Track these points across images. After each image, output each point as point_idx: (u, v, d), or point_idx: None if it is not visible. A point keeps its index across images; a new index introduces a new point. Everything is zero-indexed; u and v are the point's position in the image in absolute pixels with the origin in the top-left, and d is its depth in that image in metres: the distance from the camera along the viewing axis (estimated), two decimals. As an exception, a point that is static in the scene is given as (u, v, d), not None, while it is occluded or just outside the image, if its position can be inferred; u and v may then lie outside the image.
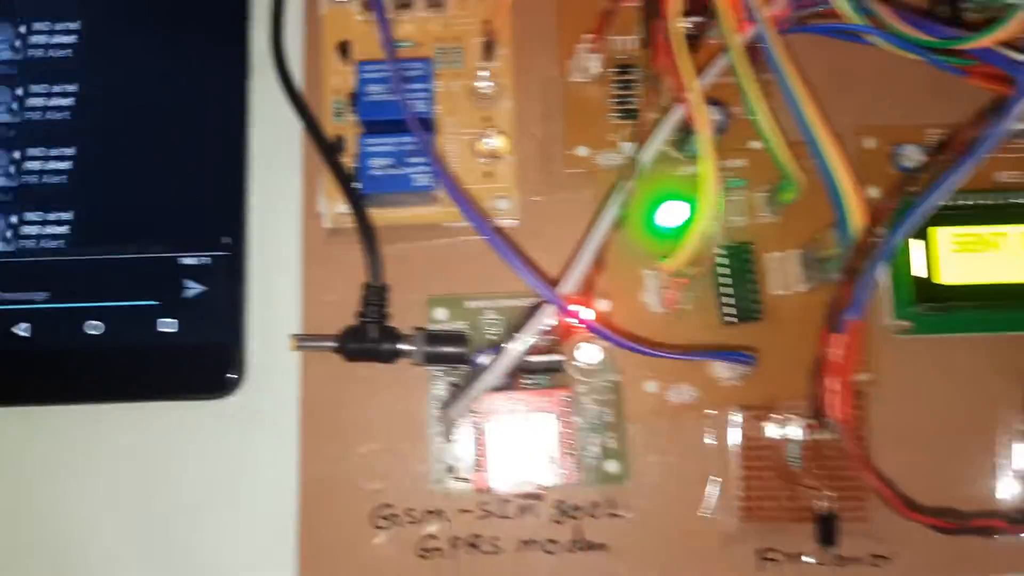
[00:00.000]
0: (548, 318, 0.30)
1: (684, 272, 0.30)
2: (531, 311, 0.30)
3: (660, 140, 0.30)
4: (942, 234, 0.32)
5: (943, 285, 0.32)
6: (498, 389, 0.33)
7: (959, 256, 0.32)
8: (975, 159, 0.26)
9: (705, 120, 0.28)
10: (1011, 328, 0.34)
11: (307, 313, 0.35)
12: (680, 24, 0.29)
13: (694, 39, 0.32)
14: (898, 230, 0.27)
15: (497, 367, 0.30)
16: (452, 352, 0.33)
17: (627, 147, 0.33)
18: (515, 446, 0.32)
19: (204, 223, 0.35)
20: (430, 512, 0.34)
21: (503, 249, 0.29)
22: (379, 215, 0.35)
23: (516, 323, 0.32)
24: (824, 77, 0.35)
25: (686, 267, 0.30)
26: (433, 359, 0.33)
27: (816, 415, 0.32)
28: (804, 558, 0.34)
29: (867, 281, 0.28)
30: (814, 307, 0.33)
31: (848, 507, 0.33)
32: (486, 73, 0.34)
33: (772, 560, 0.34)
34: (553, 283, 0.30)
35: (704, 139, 0.28)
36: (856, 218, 0.28)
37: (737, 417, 0.34)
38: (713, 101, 0.32)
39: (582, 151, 0.35)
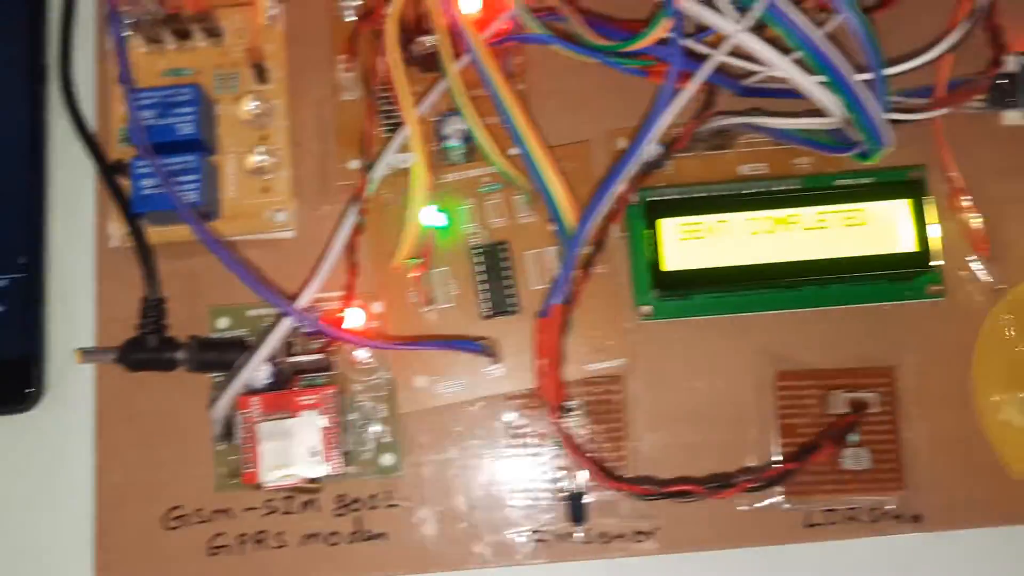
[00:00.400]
0: (286, 329, 0.32)
1: (411, 265, 0.32)
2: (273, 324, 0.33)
3: (388, 158, 0.33)
4: (668, 224, 0.34)
5: (669, 272, 0.34)
6: (271, 388, 0.35)
7: (685, 244, 0.34)
8: (628, 165, 0.28)
9: (417, 137, 0.31)
10: (743, 309, 0.36)
11: (102, 328, 0.37)
12: (396, 55, 0.32)
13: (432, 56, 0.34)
14: (585, 224, 0.30)
15: (242, 374, 0.32)
16: (221, 359, 0.35)
17: (354, 163, 0.35)
18: (283, 443, 0.34)
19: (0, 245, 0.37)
20: (218, 511, 0.36)
21: (235, 266, 0.31)
22: (163, 232, 0.37)
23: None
24: (581, 85, 0.38)
25: (410, 260, 0.31)
26: (205, 366, 0.35)
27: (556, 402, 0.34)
28: (575, 535, 0.36)
29: (566, 269, 0.30)
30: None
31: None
32: (253, 100, 0.36)
33: (544, 541, 0.36)
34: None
35: (416, 148, 0.30)
36: (568, 216, 0.31)
37: (499, 405, 0.36)
38: (455, 112, 0.35)
39: (354, 164, 0.37)
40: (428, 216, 0.36)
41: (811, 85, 0.31)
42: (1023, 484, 0.35)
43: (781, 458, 0.35)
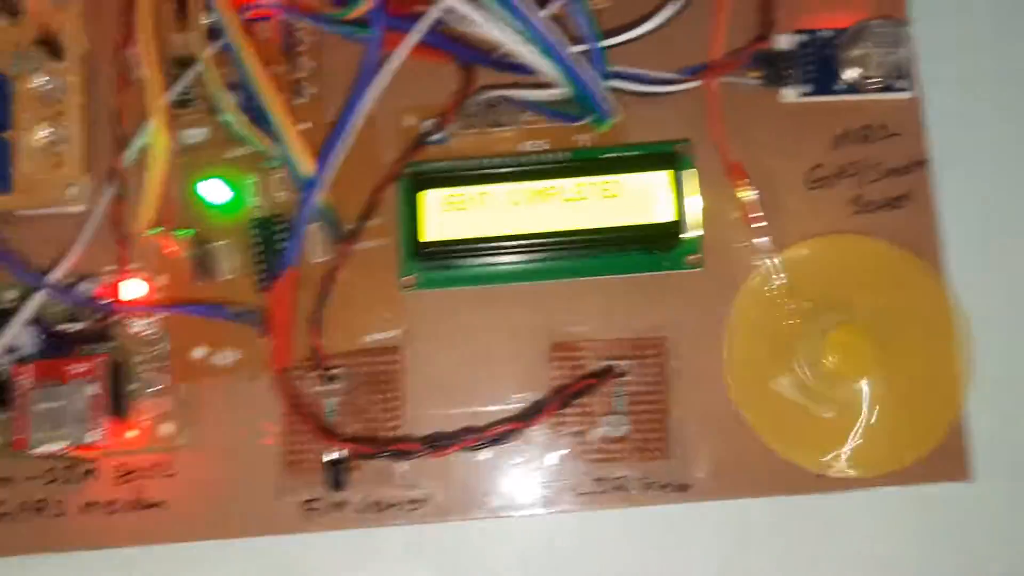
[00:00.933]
0: (37, 301, 0.32)
1: (154, 234, 0.32)
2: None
3: (140, 139, 0.34)
4: (432, 195, 0.35)
5: (427, 242, 0.35)
6: (43, 356, 0.35)
7: (448, 215, 0.35)
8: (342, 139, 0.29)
9: (159, 110, 0.31)
10: (510, 280, 0.36)
11: None
12: (148, 35, 0.32)
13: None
14: (309, 193, 0.30)
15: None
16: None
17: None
18: (53, 410, 0.35)
19: None
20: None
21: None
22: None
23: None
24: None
25: (152, 229, 0.32)
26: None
27: (321, 367, 0.35)
28: (346, 504, 0.36)
29: (297, 234, 0.31)
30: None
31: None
32: (44, 76, 0.37)
33: (316, 510, 0.36)
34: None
35: (158, 122, 0.31)
36: (303, 166, 0.31)
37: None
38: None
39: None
40: (211, 190, 0.37)
41: (530, 55, 0.31)
42: (780, 456, 0.35)
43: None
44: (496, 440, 0.32)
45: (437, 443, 0.33)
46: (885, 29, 0.36)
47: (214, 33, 0.36)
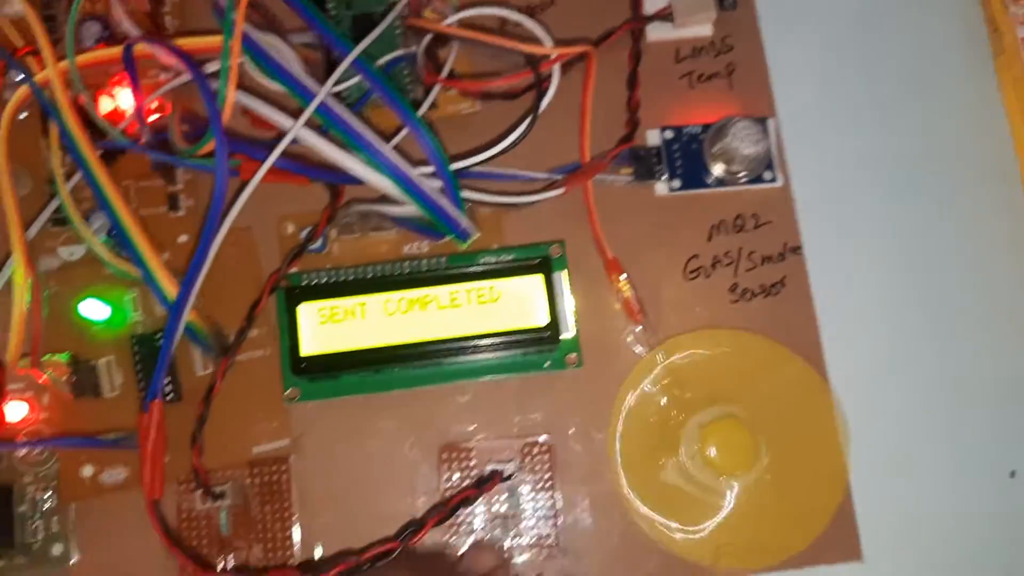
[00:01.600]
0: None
1: (26, 363, 0.32)
2: None
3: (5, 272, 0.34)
4: (305, 309, 0.35)
5: (306, 356, 0.35)
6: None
7: (325, 327, 0.35)
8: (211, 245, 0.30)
9: (19, 242, 0.32)
10: (393, 387, 0.37)
11: None
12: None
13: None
14: (175, 317, 0.31)
15: None
16: None
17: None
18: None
19: None
20: None
21: None
22: None
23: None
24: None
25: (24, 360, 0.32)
26: None
27: (204, 486, 0.35)
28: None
29: (161, 364, 0.31)
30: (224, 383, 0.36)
31: (276, 559, 0.36)
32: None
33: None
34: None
35: (16, 256, 0.31)
36: (167, 291, 0.32)
37: (170, 490, 0.37)
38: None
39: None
40: (90, 308, 0.37)
41: (380, 182, 0.32)
42: (673, 553, 0.36)
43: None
44: (375, 561, 0.32)
45: (316, 570, 0.33)
46: (744, 126, 0.37)
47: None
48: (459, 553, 0.35)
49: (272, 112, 0.32)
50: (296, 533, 0.37)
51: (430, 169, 0.32)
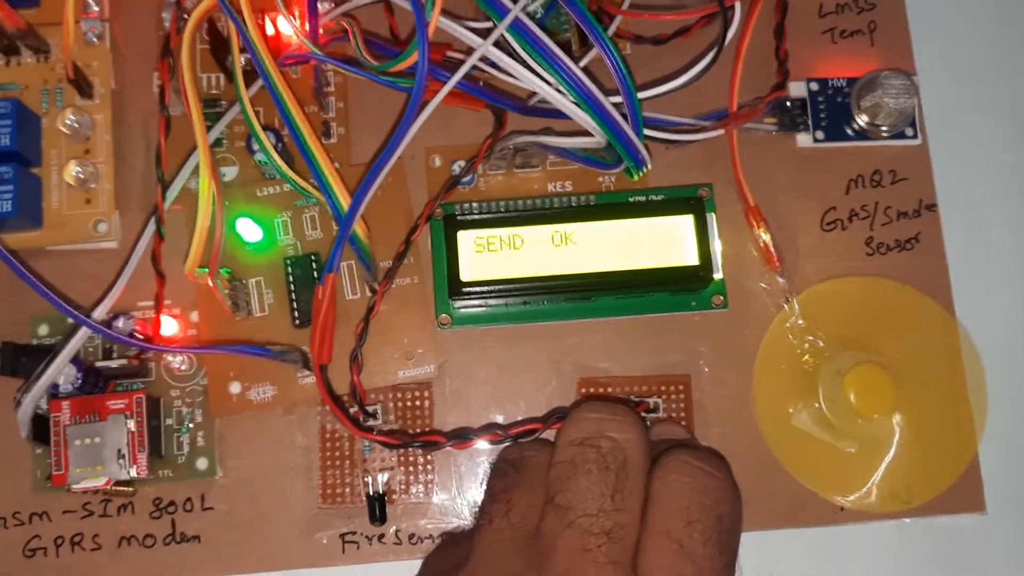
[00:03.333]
0: (81, 337, 0.33)
1: (203, 273, 0.33)
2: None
3: (185, 174, 0.35)
4: (464, 236, 0.36)
5: (465, 281, 0.36)
6: (86, 392, 0.36)
7: (481, 256, 0.36)
8: (385, 165, 0.31)
9: (204, 153, 0.32)
10: (540, 318, 0.38)
11: (-76, 333, 0.38)
12: (189, 75, 0.33)
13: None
14: (349, 214, 0.32)
15: (42, 378, 0.33)
16: (33, 364, 0.35)
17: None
18: (92, 445, 0.35)
19: None
20: (35, 514, 0.37)
21: (26, 276, 0.32)
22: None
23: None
24: (399, 105, 0.40)
25: (201, 269, 0.33)
26: (18, 370, 0.36)
27: (359, 404, 0.36)
28: (384, 537, 0.37)
29: (339, 244, 0.32)
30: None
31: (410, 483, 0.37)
32: (72, 114, 0.37)
33: (352, 543, 0.37)
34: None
35: (203, 165, 0.32)
36: (342, 201, 0.33)
37: (314, 411, 0.38)
38: (270, 128, 0.37)
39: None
40: (245, 228, 0.38)
41: (568, 105, 0.33)
42: (805, 488, 0.37)
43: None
44: (517, 438, 0.33)
45: (462, 436, 0.34)
46: (894, 80, 0.38)
47: (247, 75, 0.37)
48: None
49: (462, 30, 0.33)
50: (434, 456, 0.37)
51: (615, 99, 0.33)
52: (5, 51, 0.39)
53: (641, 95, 0.34)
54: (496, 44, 0.32)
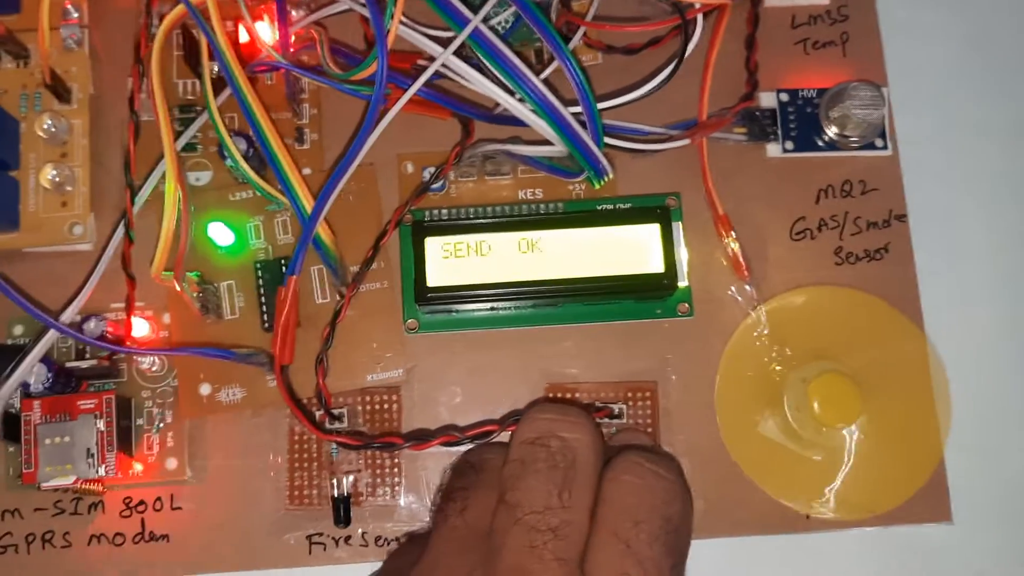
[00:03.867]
0: (48, 339, 0.34)
1: (168, 276, 0.33)
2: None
3: (155, 179, 0.36)
4: (432, 243, 0.37)
5: (432, 287, 0.36)
6: (55, 391, 0.36)
7: (448, 261, 0.36)
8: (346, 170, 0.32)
9: (171, 155, 0.33)
10: (507, 324, 0.38)
11: (-95, 333, 0.39)
12: (157, 81, 0.34)
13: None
14: (312, 217, 0.32)
15: (11, 379, 0.34)
16: (2, 364, 0.36)
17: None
18: (62, 444, 0.36)
19: None
20: (7, 511, 0.38)
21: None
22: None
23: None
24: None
25: (166, 272, 0.33)
26: (-16, 370, 0.36)
27: (324, 407, 0.36)
28: (350, 539, 0.37)
29: (302, 247, 0.33)
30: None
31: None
32: (49, 118, 0.38)
33: (319, 544, 0.38)
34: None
35: (169, 170, 0.33)
36: (306, 205, 0.33)
37: (282, 413, 0.38)
38: (241, 134, 0.37)
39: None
40: (217, 232, 0.38)
41: (528, 114, 0.33)
42: (770, 496, 0.37)
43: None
44: (474, 440, 0.34)
45: (419, 438, 0.35)
46: (863, 91, 0.38)
47: (218, 82, 0.37)
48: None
49: (424, 39, 0.33)
50: (401, 460, 0.38)
51: (576, 109, 0.33)
52: (-12, 57, 0.40)
53: (603, 105, 0.35)
54: (459, 54, 0.33)
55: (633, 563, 0.29)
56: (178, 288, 0.34)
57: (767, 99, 0.40)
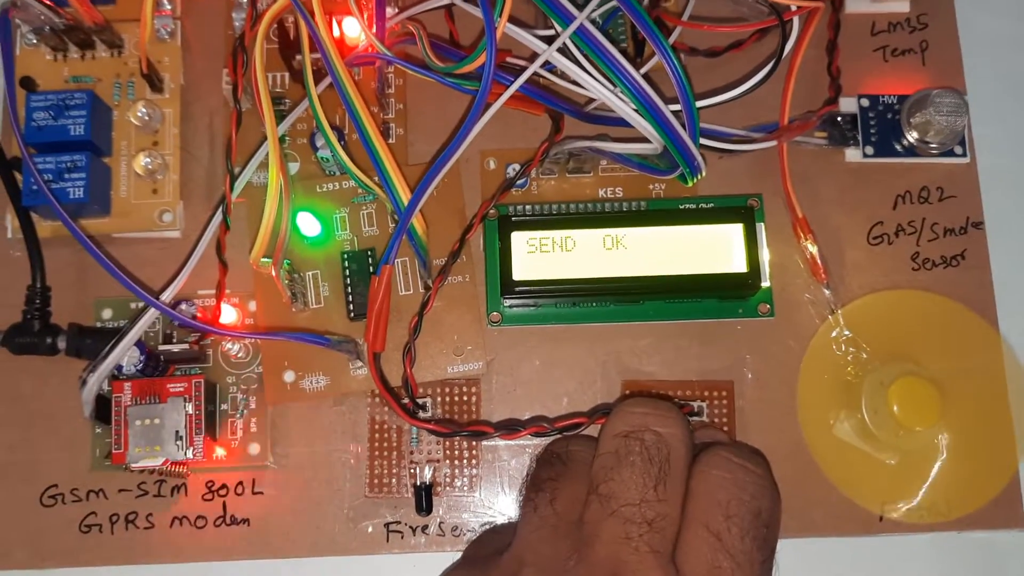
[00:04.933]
0: (148, 319, 0.34)
1: (267, 263, 0.34)
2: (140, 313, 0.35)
3: (252, 167, 0.37)
4: (518, 237, 0.37)
5: (517, 281, 0.37)
6: (146, 375, 0.37)
7: (534, 256, 0.37)
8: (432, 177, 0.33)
9: (273, 148, 0.33)
10: (589, 320, 0.39)
11: (-5, 314, 0.40)
12: (261, 74, 0.35)
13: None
14: (409, 207, 0.33)
15: (108, 359, 0.34)
16: (98, 346, 0.37)
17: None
18: (151, 426, 0.36)
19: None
20: (92, 491, 0.38)
21: (102, 260, 0.34)
22: (59, 226, 0.39)
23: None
24: (457, 107, 0.41)
25: (265, 260, 0.34)
26: (84, 352, 0.37)
27: (410, 396, 0.37)
28: (428, 527, 0.38)
29: (397, 236, 0.34)
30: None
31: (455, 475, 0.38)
32: (143, 107, 0.39)
33: (397, 532, 0.38)
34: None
35: (272, 159, 0.33)
36: (403, 197, 0.34)
37: (364, 402, 0.39)
38: (333, 127, 0.38)
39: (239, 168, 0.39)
40: (305, 222, 0.39)
41: (629, 111, 0.34)
42: (844, 497, 0.38)
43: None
44: (563, 432, 0.34)
45: (509, 428, 0.35)
46: (946, 98, 0.38)
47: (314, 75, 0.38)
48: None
49: (527, 35, 0.34)
50: (480, 451, 0.38)
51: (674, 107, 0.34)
52: (81, 45, 0.40)
53: (699, 104, 0.35)
54: (559, 50, 0.33)
55: (725, 556, 0.29)
56: (274, 275, 0.34)
57: (847, 104, 0.40)
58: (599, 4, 0.33)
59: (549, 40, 0.34)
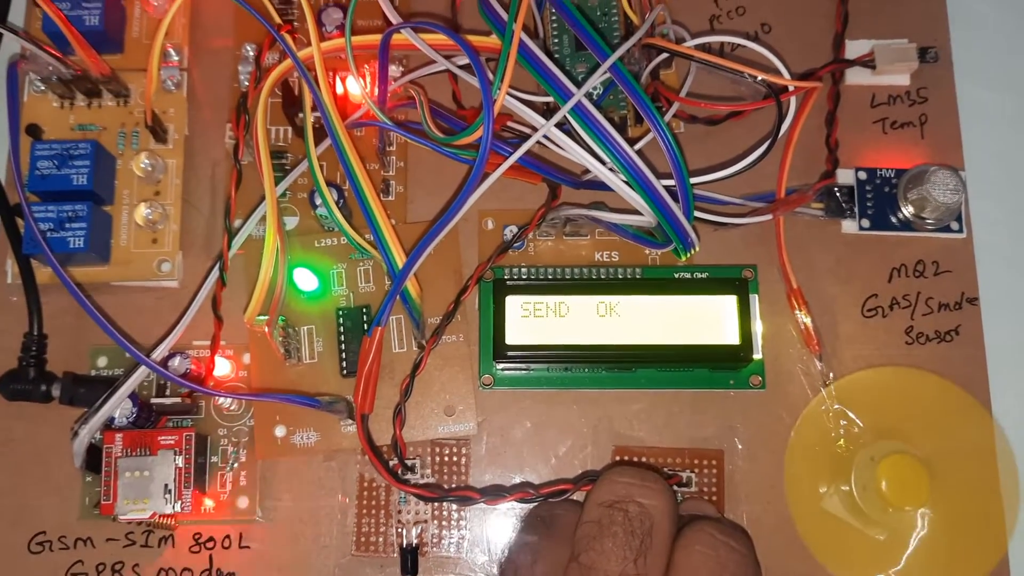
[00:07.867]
0: (139, 374, 0.35)
1: (261, 322, 0.34)
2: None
3: (251, 225, 0.37)
4: (512, 301, 0.37)
5: (510, 345, 0.37)
6: (138, 426, 0.37)
7: (527, 320, 0.37)
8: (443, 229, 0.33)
9: (271, 206, 0.34)
10: (580, 385, 0.39)
11: (-8, 359, 0.40)
12: (262, 131, 0.35)
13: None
14: (402, 273, 0.33)
15: (101, 411, 0.35)
16: (92, 395, 0.37)
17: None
18: (141, 478, 0.36)
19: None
20: (80, 540, 0.38)
21: (91, 311, 0.34)
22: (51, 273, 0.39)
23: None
24: (456, 168, 0.41)
25: (260, 318, 0.34)
26: (77, 401, 0.37)
27: (399, 458, 0.37)
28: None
29: (390, 299, 0.34)
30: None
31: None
32: (146, 158, 0.39)
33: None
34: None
35: (270, 220, 0.34)
36: (397, 258, 0.34)
37: (354, 459, 0.39)
38: (332, 184, 0.38)
39: (238, 223, 0.40)
40: (302, 277, 0.39)
41: (620, 184, 0.34)
42: (831, 573, 0.38)
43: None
44: (548, 498, 0.34)
45: (495, 493, 0.35)
46: (943, 176, 0.39)
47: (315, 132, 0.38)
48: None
49: (525, 108, 0.34)
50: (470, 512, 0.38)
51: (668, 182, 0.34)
52: (88, 94, 0.41)
53: (693, 180, 0.35)
54: (556, 124, 0.34)
55: None
56: (268, 332, 0.35)
57: (845, 176, 0.40)
58: (596, 80, 0.33)
59: (546, 108, 0.34)
